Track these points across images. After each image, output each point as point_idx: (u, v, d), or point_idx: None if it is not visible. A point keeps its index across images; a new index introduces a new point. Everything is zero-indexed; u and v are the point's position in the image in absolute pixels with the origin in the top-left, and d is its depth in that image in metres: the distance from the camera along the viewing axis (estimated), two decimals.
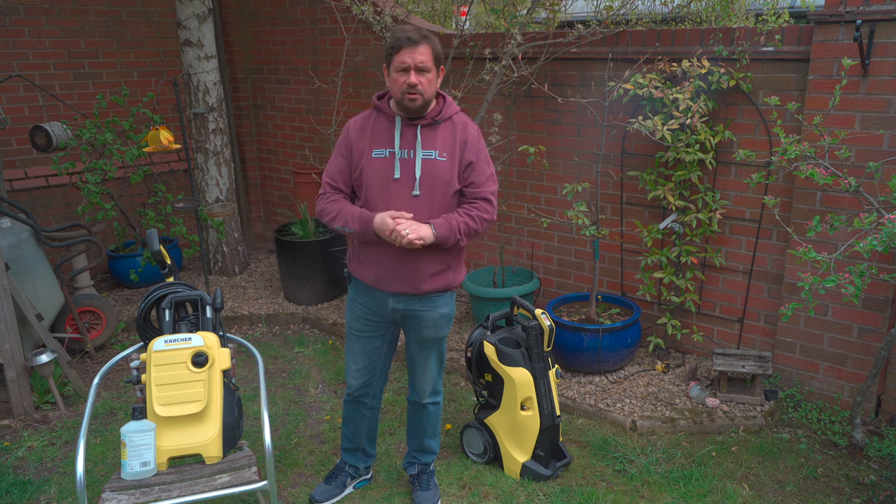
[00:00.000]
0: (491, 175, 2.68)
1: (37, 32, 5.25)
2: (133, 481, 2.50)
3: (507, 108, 4.57)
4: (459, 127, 2.64)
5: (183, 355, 2.59)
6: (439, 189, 2.59)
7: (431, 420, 3.02)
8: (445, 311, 2.78)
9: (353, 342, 2.88)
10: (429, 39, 2.49)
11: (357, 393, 2.95)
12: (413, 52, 2.47)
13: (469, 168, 2.63)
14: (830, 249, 3.40)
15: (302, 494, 3.12)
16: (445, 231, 2.56)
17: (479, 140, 2.67)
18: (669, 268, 4.01)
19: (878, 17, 3.13)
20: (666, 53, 3.83)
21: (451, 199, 2.63)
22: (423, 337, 2.81)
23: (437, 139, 2.61)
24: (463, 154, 2.62)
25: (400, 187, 2.58)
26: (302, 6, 5.66)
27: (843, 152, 3.16)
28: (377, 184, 2.60)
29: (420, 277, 2.65)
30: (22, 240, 3.95)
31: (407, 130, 2.61)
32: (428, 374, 2.91)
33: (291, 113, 6.07)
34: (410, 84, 2.48)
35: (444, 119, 2.63)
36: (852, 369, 3.53)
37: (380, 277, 2.68)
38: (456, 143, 2.61)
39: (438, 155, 2.59)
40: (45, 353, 3.74)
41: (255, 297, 5.29)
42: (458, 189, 2.63)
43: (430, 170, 2.58)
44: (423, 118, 2.60)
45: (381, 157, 2.60)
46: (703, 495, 3.04)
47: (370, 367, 2.90)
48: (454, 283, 2.76)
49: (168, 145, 4.61)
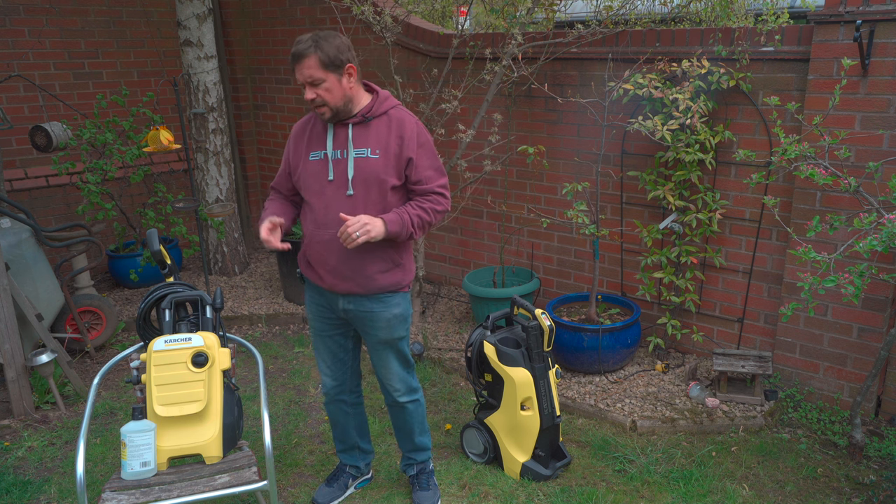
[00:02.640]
0: (437, 167, 2.63)
1: (37, 32, 5.25)
2: (133, 481, 2.50)
3: (507, 108, 4.57)
4: (395, 122, 2.58)
5: (183, 355, 2.59)
6: (374, 187, 2.56)
7: (415, 417, 2.96)
8: (398, 312, 2.72)
9: (318, 342, 2.87)
10: (314, 48, 2.43)
11: (333, 392, 2.93)
12: (301, 69, 2.46)
13: (410, 166, 2.57)
14: (830, 249, 3.40)
15: (302, 494, 3.12)
16: (397, 226, 2.53)
17: (419, 133, 2.59)
18: (669, 268, 4.02)
19: (878, 17, 3.13)
20: (666, 53, 3.83)
21: (388, 195, 2.57)
22: (377, 338, 2.75)
23: (369, 136, 2.57)
24: (401, 150, 2.55)
25: (334, 188, 2.57)
26: (302, 6, 5.66)
27: (843, 152, 3.16)
28: (313, 186, 2.61)
29: (367, 276, 2.62)
30: (22, 240, 3.95)
31: (339, 131, 2.59)
32: (392, 374, 2.84)
33: (291, 113, 6.07)
34: (308, 100, 2.49)
35: (378, 115, 2.59)
36: (852, 369, 3.53)
37: (325, 278, 2.66)
38: (391, 139, 2.56)
39: (371, 152, 2.55)
40: (45, 353, 3.74)
41: (255, 297, 5.29)
42: (396, 185, 2.58)
43: (362, 168, 2.55)
44: (354, 117, 2.57)
45: (316, 160, 2.61)
46: (703, 495, 3.04)
47: (339, 363, 2.89)
48: (404, 281, 2.71)
49: (168, 145, 4.61)
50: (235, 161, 6.09)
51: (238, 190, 6.18)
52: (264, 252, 6.33)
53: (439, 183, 2.63)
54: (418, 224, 2.58)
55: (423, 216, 2.59)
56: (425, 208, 2.59)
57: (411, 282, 2.78)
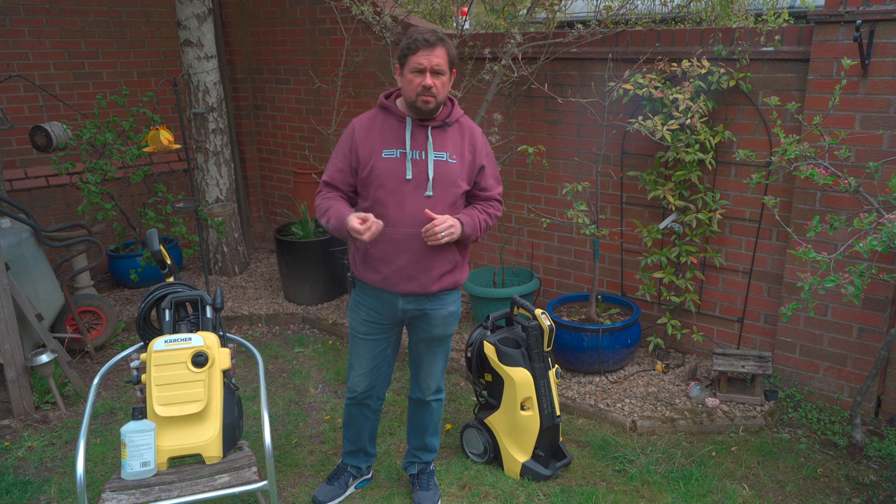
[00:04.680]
0: (497, 177, 2.80)
1: (37, 32, 5.25)
2: (133, 481, 2.50)
3: (507, 108, 4.57)
4: (467, 130, 2.69)
5: (183, 355, 2.59)
6: (450, 190, 2.63)
7: (434, 417, 3.03)
8: (454, 309, 2.82)
9: (358, 346, 2.86)
10: (445, 42, 2.51)
11: (362, 396, 2.93)
12: (430, 55, 2.47)
13: (481, 172, 2.70)
14: (830, 249, 3.40)
15: (302, 494, 3.12)
16: (470, 228, 2.63)
17: (486, 143, 2.75)
18: (669, 268, 4.02)
19: (878, 17, 3.13)
20: (666, 53, 3.83)
21: (458, 199, 2.67)
22: (431, 335, 2.82)
23: (447, 141, 2.63)
24: (474, 158, 2.68)
25: (412, 188, 2.59)
26: (302, 6, 5.66)
27: (843, 152, 3.16)
28: (388, 184, 2.60)
29: (431, 277, 2.67)
30: (22, 240, 3.95)
31: (418, 132, 2.61)
32: (434, 371, 2.93)
33: (291, 113, 6.07)
34: (426, 86, 2.49)
35: (453, 122, 2.66)
36: (852, 369, 3.53)
37: (390, 278, 2.67)
38: (465, 147, 2.66)
39: (449, 157, 2.62)
40: (45, 353, 3.74)
41: (255, 297, 5.29)
42: (466, 190, 2.68)
43: (441, 171, 2.60)
44: (434, 120, 2.62)
45: (391, 158, 2.60)
46: (703, 495, 3.04)
47: (375, 369, 2.89)
48: (460, 280, 2.79)
49: (168, 145, 4.61)
50: (235, 161, 6.09)
51: (238, 190, 6.18)
52: (264, 252, 6.33)
53: (499, 191, 2.79)
54: (484, 227, 2.71)
55: (487, 220, 2.72)
56: (489, 213, 2.73)
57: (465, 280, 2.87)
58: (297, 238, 5.08)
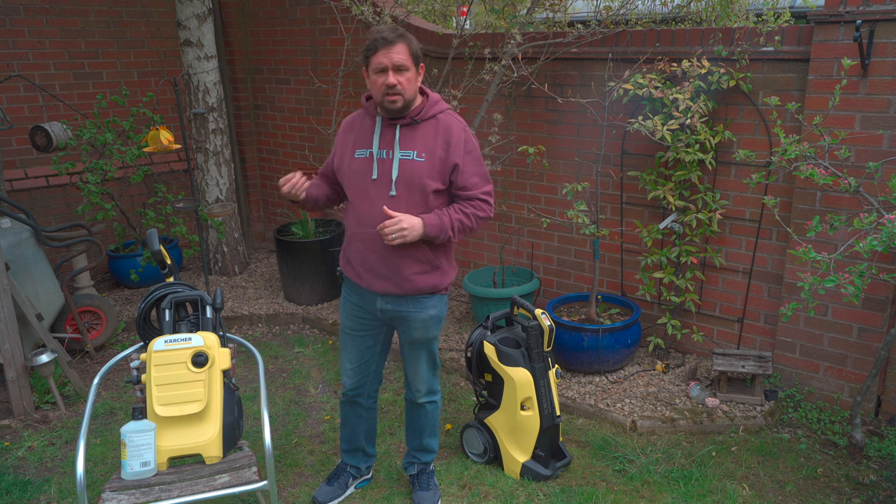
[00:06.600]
0: (482, 174, 2.65)
1: (37, 32, 5.25)
2: (133, 481, 2.50)
3: (507, 108, 4.57)
4: (443, 126, 2.59)
5: (183, 355, 2.60)
6: (416, 190, 2.57)
7: (429, 419, 3.02)
8: (434, 313, 2.76)
9: (346, 341, 2.89)
10: (405, 38, 2.48)
11: (351, 393, 2.95)
12: (389, 52, 2.46)
13: (455, 171, 2.58)
14: (830, 249, 3.40)
15: (302, 494, 3.12)
16: (436, 229, 2.55)
17: (467, 140, 2.61)
18: (669, 268, 4.02)
19: (878, 17, 3.13)
20: (666, 53, 3.83)
21: (430, 198, 2.59)
22: (412, 338, 2.81)
23: (416, 139, 2.58)
24: (447, 155, 2.56)
25: (377, 188, 2.58)
26: (302, 6, 5.66)
27: (843, 152, 3.16)
28: (356, 184, 2.62)
29: (403, 276, 2.64)
30: (22, 240, 3.95)
31: (387, 130, 2.61)
32: (419, 374, 2.90)
33: (291, 113, 6.07)
34: (389, 84, 2.48)
35: (427, 118, 2.60)
36: (852, 369, 3.53)
37: (363, 276, 2.69)
38: (438, 144, 2.57)
39: (417, 155, 2.56)
40: (45, 353, 3.74)
41: (255, 297, 5.29)
42: (439, 189, 2.59)
43: (407, 170, 2.56)
44: (404, 118, 2.59)
45: (362, 158, 2.63)
46: (703, 495, 3.04)
47: (363, 366, 2.90)
48: (441, 284, 2.72)
49: (168, 145, 4.61)
50: (235, 161, 6.09)
51: (238, 190, 6.18)
52: (264, 252, 6.33)
53: (484, 190, 2.64)
54: (458, 228, 2.60)
55: (465, 221, 2.61)
56: (468, 213, 2.61)
57: (449, 285, 2.80)
58: (298, 238, 5.08)
